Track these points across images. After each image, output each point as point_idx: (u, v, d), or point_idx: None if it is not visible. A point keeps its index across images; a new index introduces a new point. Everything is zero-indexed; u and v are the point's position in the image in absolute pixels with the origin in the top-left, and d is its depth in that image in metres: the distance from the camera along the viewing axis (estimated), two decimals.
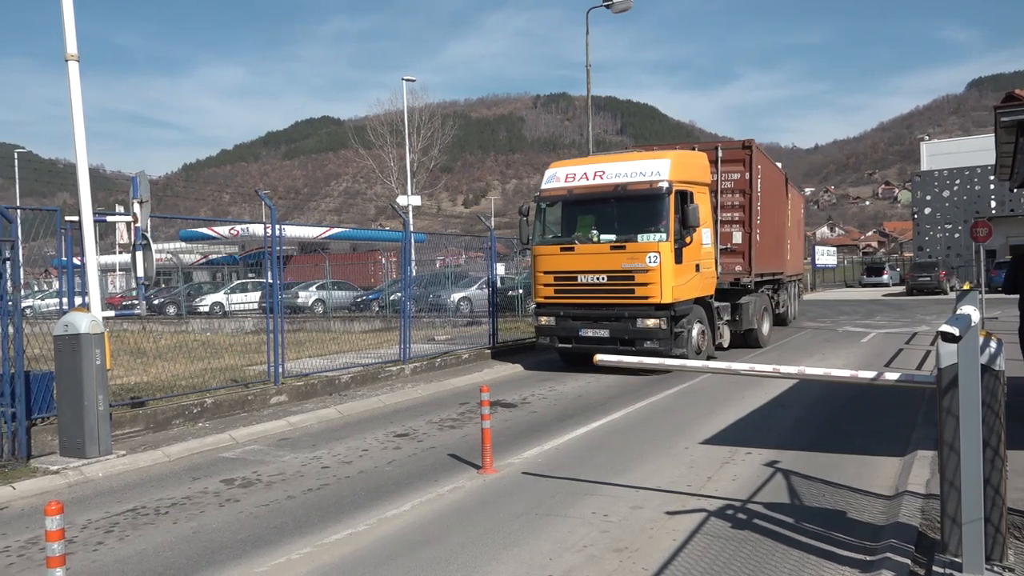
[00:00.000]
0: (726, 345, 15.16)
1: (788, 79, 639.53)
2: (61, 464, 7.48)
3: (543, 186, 14.08)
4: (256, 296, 24.64)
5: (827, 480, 6.43)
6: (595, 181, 13.39)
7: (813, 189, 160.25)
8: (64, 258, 8.79)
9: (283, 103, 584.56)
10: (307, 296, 27.34)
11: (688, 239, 12.82)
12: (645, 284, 12.55)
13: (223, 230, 40.13)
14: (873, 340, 18.27)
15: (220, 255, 45.28)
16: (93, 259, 8.46)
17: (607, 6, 21.85)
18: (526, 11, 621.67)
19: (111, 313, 11.48)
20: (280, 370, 11.25)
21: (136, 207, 8.67)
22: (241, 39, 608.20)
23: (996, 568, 4.07)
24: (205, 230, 41.65)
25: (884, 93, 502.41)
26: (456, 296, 23.65)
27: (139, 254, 8.71)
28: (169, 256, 40.18)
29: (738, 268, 15.61)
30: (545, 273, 13.60)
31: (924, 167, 61.57)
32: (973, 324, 4.00)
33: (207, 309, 27.50)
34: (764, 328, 17.05)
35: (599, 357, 5.87)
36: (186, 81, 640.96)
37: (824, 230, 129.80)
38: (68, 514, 5.12)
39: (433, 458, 7.84)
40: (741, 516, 5.64)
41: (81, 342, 7.61)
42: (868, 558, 4.64)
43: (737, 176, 15.59)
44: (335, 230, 43.89)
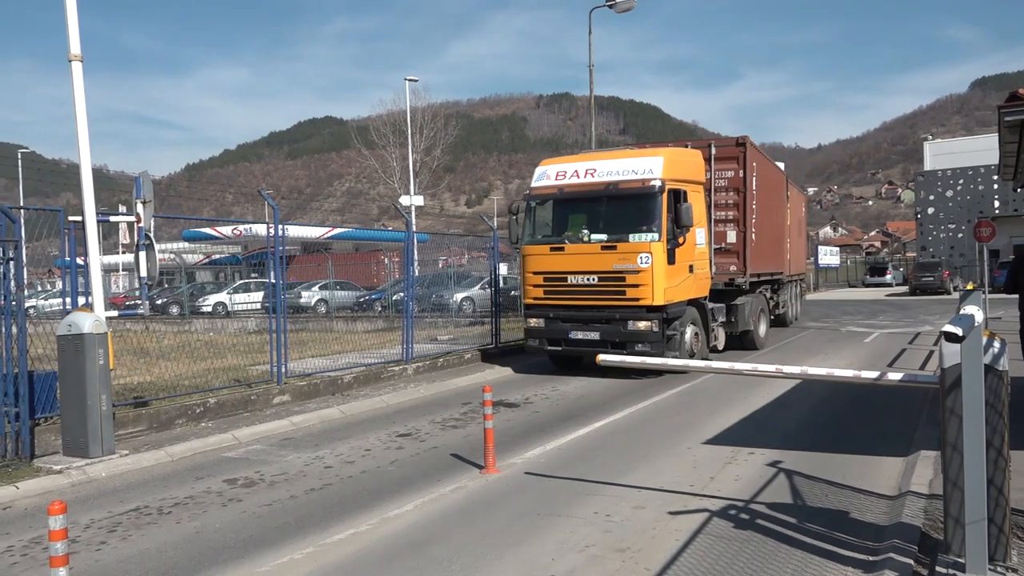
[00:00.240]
0: (720, 347, 14.92)
1: (791, 79, 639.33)
2: (64, 464, 7.50)
3: (533, 184, 13.78)
4: (259, 296, 24.67)
5: (830, 480, 6.43)
6: (586, 179, 13.09)
7: (816, 189, 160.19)
8: (67, 258, 8.80)
9: (286, 103, 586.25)
10: (310, 296, 27.37)
11: (681, 239, 12.53)
12: (636, 285, 12.29)
13: (226, 230, 40.21)
14: (876, 340, 18.24)
15: (223, 255, 45.31)
16: (96, 259, 8.47)
17: (610, 6, 21.78)
18: (529, 11, 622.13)
19: (114, 313, 11.47)
20: (283, 370, 11.26)
21: (139, 207, 8.67)
22: (244, 39, 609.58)
23: (999, 568, 4.06)
24: (208, 230, 41.73)
25: (887, 93, 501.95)
26: (459, 296, 23.63)
27: (142, 254, 8.71)
28: (172, 256, 40.24)
29: (733, 268, 15.30)
30: (535, 274, 13.33)
31: (927, 167, 61.38)
32: (976, 324, 3.99)
33: (210, 309, 27.53)
34: (761, 330, 16.75)
35: (601, 357, 5.84)
36: (189, 81, 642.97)
37: (827, 230, 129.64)
38: (71, 514, 5.13)
39: (435, 458, 7.84)
40: (744, 516, 5.63)
41: (84, 342, 7.62)
42: (871, 558, 4.64)
43: (731, 174, 15.23)
44: (338, 230, 43.98)
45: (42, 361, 8.41)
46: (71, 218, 8.75)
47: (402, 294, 16.16)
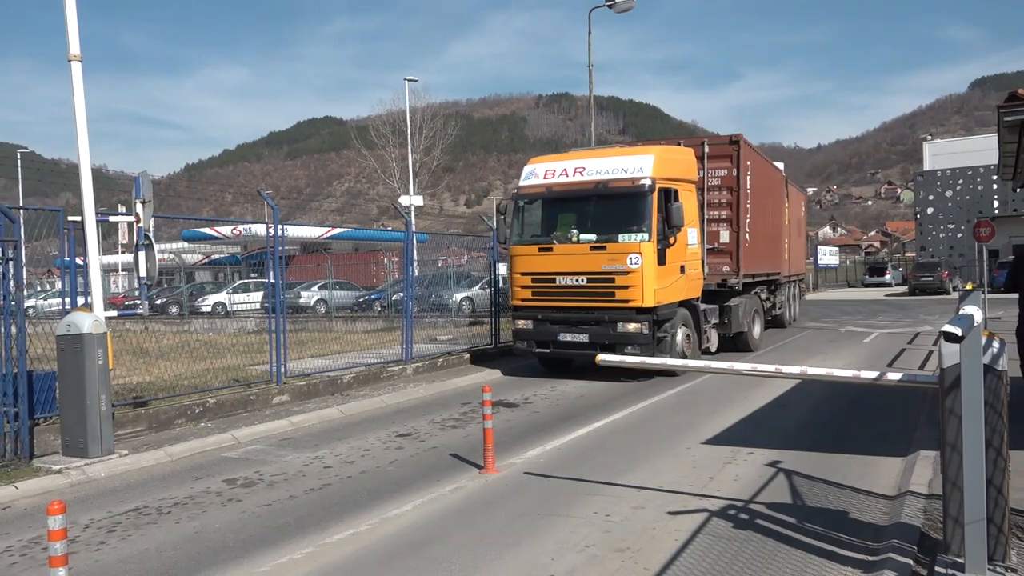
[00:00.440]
0: (713, 349, 14.57)
1: (791, 79, 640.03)
2: (64, 464, 7.49)
3: (521, 183, 13.54)
4: (258, 296, 24.66)
5: (829, 480, 6.43)
6: (575, 178, 12.82)
7: (816, 189, 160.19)
8: (67, 258, 8.79)
9: (285, 103, 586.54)
10: (309, 296, 27.35)
11: (672, 239, 12.24)
12: (626, 287, 12.01)
13: (225, 230, 40.18)
14: (875, 340, 18.24)
15: (222, 255, 45.29)
16: (96, 259, 8.47)
17: (609, 6, 21.78)
18: (528, 11, 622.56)
19: (113, 313, 11.46)
20: (282, 370, 11.26)
21: (139, 207, 8.67)
22: (244, 39, 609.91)
23: (999, 568, 4.06)
24: (207, 230, 41.71)
25: (887, 93, 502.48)
26: (458, 296, 23.63)
27: (142, 254, 8.71)
28: (171, 256, 40.21)
29: (726, 269, 14.96)
30: (522, 274, 13.07)
31: (927, 167, 61.44)
32: (976, 324, 3.99)
33: (209, 309, 27.53)
34: (755, 331, 16.41)
35: (601, 357, 5.86)
36: (189, 81, 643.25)
37: (826, 230, 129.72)
38: (70, 514, 5.13)
39: (435, 458, 7.84)
40: (743, 516, 5.63)
41: (84, 342, 7.62)
42: (870, 558, 4.64)
43: (724, 173, 14.88)
44: (337, 230, 43.95)
45: (41, 361, 8.40)
46: (70, 218, 8.74)
47: (401, 294, 16.16)
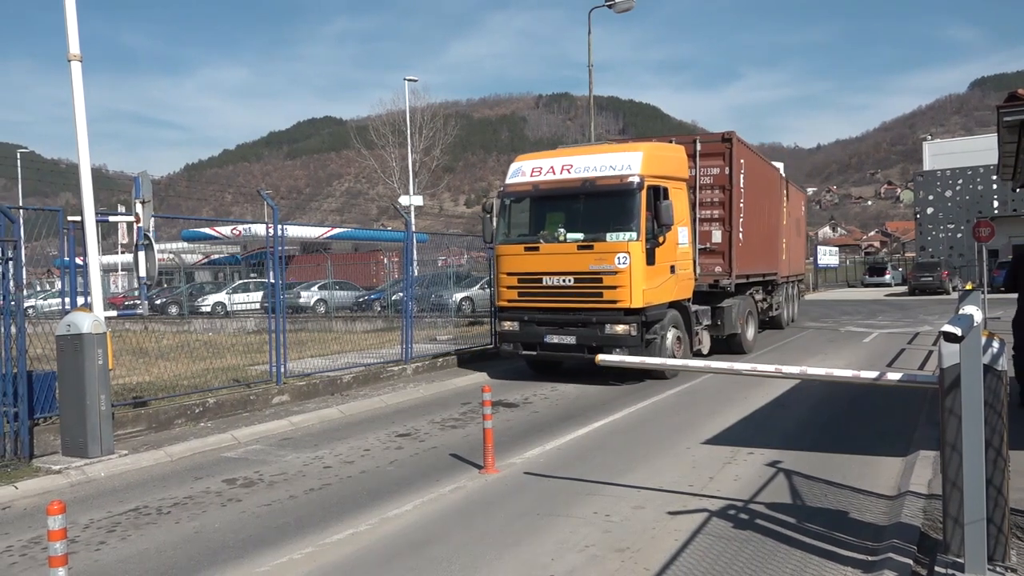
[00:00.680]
0: (705, 352, 14.18)
1: (791, 79, 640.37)
2: (63, 464, 7.49)
3: (507, 181, 13.15)
4: (258, 296, 24.68)
5: (829, 480, 6.43)
6: (562, 176, 12.47)
7: (815, 189, 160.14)
8: (66, 258, 8.79)
9: (285, 103, 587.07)
10: (309, 296, 27.37)
11: (661, 238, 11.95)
12: (614, 287, 11.69)
13: (225, 230, 40.18)
14: (875, 340, 18.25)
15: (222, 255, 45.33)
16: (95, 259, 8.47)
17: (609, 6, 21.77)
18: (528, 11, 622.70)
19: (113, 313, 11.47)
20: (282, 370, 11.26)
21: (138, 207, 8.68)
22: (244, 39, 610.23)
23: (998, 568, 4.06)
24: (207, 230, 41.71)
25: (887, 93, 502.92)
26: (458, 296, 23.65)
27: (141, 254, 8.72)
28: (171, 256, 40.24)
29: (718, 269, 14.60)
30: (508, 274, 12.72)
31: (927, 167, 61.49)
32: (975, 324, 3.99)
33: (209, 309, 27.54)
34: (748, 333, 16.09)
35: (601, 357, 5.87)
36: (189, 81, 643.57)
37: (826, 230, 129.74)
38: (70, 514, 5.12)
39: (435, 458, 7.84)
40: (743, 516, 5.63)
41: (83, 342, 7.62)
42: (870, 558, 4.64)
43: (717, 171, 14.51)
44: (337, 230, 43.98)
45: (41, 361, 8.40)
46: (70, 218, 8.75)
47: (401, 294, 16.17)
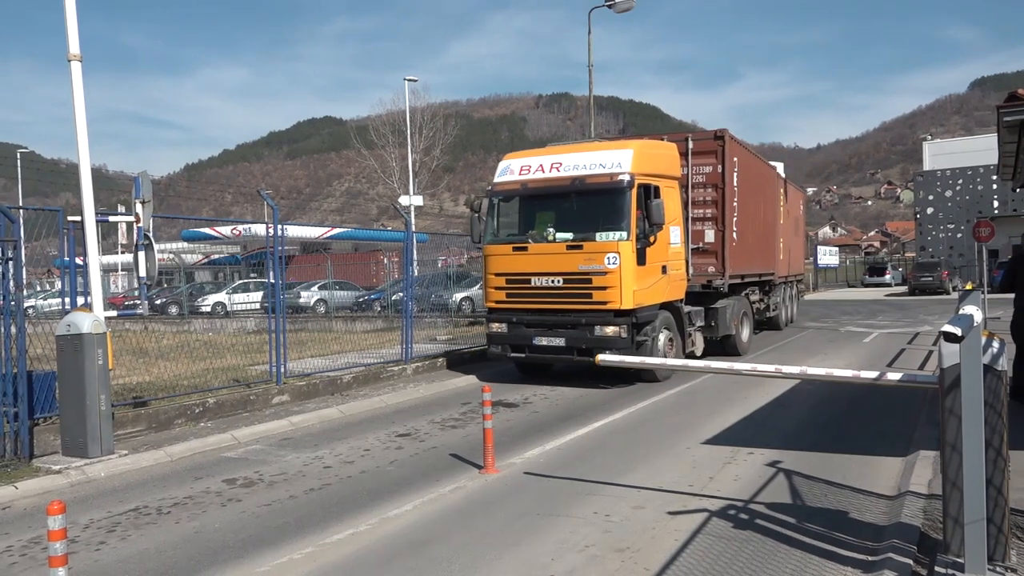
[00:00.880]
0: (699, 353, 13.83)
1: (791, 79, 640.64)
2: (63, 464, 7.49)
3: (496, 179, 12.86)
4: (258, 296, 24.70)
5: (829, 480, 6.43)
6: (551, 174, 12.20)
7: (815, 189, 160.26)
8: (66, 258, 8.79)
9: (285, 103, 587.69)
10: (309, 296, 27.38)
11: (653, 238, 11.66)
12: (604, 288, 11.43)
13: (225, 230, 40.19)
14: (875, 340, 18.24)
15: (222, 255, 45.33)
16: (95, 259, 8.47)
17: (609, 6, 21.77)
18: (528, 11, 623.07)
19: (113, 313, 11.47)
20: (282, 370, 11.26)
21: (138, 207, 8.68)
22: (244, 39, 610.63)
23: (998, 568, 4.06)
24: (207, 230, 41.70)
25: (887, 93, 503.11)
26: (458, 296, 23.66)
27: (141, 254, 8.72)
28: (171, 256, 40.23)
29: (711, 270, 14.30)
30: (497, 275, 12.44)
31: (927, 167, 61.51)
32: (975, 324, 3.99)
33: (209, 309, 27.55)
34: (743, 334, 15.80)
35: (601, 357, 5.87)
36: (189, 81, 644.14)
37: (826, 230, 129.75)
38: (70, 514, 5.13)
39: (435, 458, 7.84)
40: (743, 516, 5.63)
41: (83, 342, 7.62)
42: (870, 558, 4.64)
43: (710, 169, 14.21)
44: (337, 230, 43.98)
45: (41, 361, 8.40)
46: (70, 218, 8.75)
47: (401, 294, 16.17)
